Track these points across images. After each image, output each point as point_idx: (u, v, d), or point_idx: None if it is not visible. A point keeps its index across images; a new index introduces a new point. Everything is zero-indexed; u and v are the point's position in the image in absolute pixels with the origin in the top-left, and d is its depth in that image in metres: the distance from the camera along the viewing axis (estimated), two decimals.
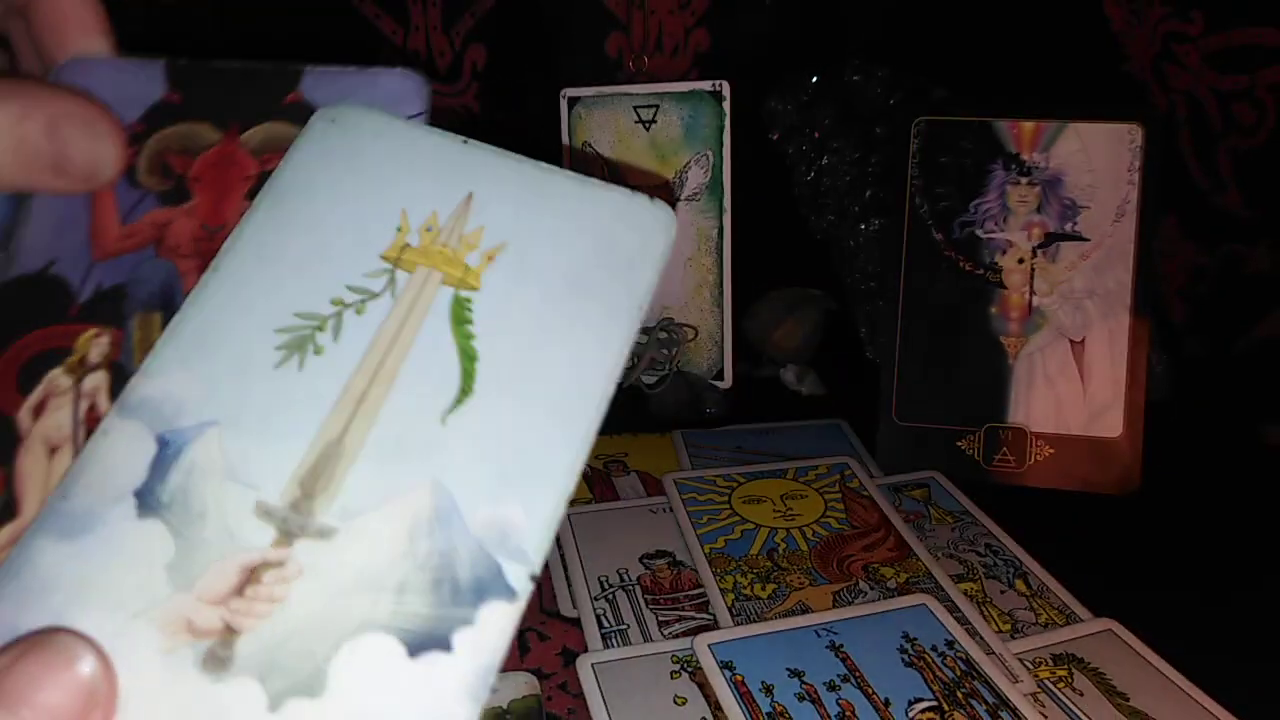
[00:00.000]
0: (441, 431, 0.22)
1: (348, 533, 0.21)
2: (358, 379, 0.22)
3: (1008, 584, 0.48)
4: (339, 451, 0.22)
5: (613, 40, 0.76)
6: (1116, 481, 0.57)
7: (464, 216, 0.24)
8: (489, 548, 0.21)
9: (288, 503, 0.21)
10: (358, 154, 0.25)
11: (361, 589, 0.20)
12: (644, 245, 0.24)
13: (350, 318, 0.23)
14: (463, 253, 0.24)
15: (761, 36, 0.79)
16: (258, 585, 0.20)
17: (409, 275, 0.23)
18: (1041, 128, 0.59)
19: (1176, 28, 0.66)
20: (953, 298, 0.59)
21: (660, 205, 0.24)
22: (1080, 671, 0.42)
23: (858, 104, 0.73)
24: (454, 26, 0.74)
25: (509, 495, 0.21)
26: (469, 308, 0.23)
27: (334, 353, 0.22)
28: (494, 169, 0.25)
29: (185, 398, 0.22)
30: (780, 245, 0.78)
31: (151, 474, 0.21)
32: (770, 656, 0.40)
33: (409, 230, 0.24)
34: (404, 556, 0.20)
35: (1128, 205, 0.58)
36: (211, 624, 0.20)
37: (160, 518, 0.21)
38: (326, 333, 0.23)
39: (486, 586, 0.20)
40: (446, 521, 0.21)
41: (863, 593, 0.46)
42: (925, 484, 0.56)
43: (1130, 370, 0.57)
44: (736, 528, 0.50)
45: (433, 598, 0.20)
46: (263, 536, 0.21)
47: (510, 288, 0.23)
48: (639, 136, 0.70)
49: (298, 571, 0.20)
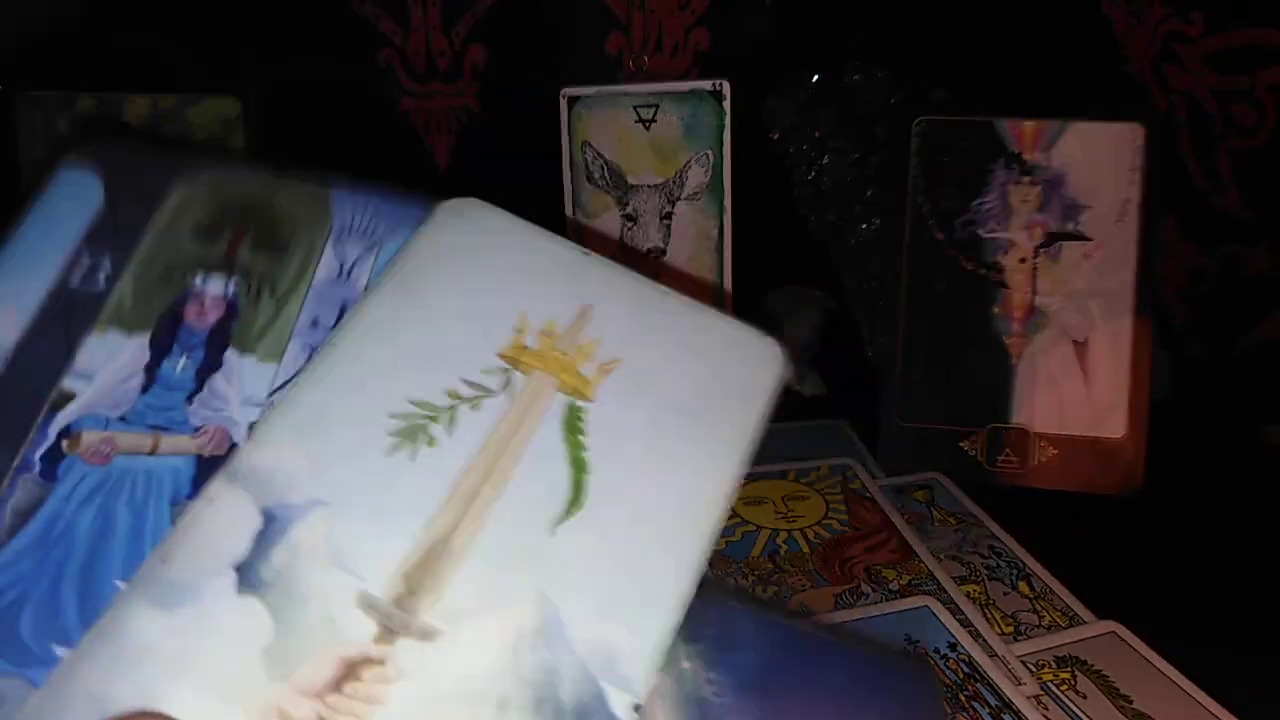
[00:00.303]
0: (550, 542, 0.21)
1: (451, 637, 0.20)
2: (470, 477, 0.22)
3: (1011, 586, 0.47)
4: (446, 550, 0.21)
5: (613, 40, 0.76)
6: (1120, 482, 0.57)
7: (581, 326, 0.24)
8: (594, 670, 0.20)
9: (392, 597, 0.20)
10: (480, 250, 0.25)
11: (462, 699, 0.20)
12: (755, 377, 0.24)
13: (465, 413, 0.23)
14: (579, 362, 0.24)
15: (762, 36, 0.79)
16: (357, 683, 0.19)
17: (525, 377, 0.23)
18: (1043, 127, 0.59)
19: (1177, 28, 0.66)
20: (954, 298, 0.59)
21: (770, 341, 0.25)
22: (1083, 674, 0.41)
23: (858, 104, 0.73)
24: (454, 26, 0.74)
25: (616, 618, 0.21)
26: (582, 418, 0.23)
27: (447, 446, 0.22)
28: (612, 283, 0.25)
29: (295, 472, 0.22)
30: (780, 245, 0.77)
31: (255, 549, 0.21)
32: None
33: (527, 332, 0.24)
34: (507, 669, 0.20)
35: (1129, 205, 0.58)
36: (306, 718, 0.19)
37: (260, 597, 0.20)
38: (441, 425, 0.23)
39: (590, 712, 0.20)
40: (552, 637, 0.20)
41: (865, 595, 0.45)
42: (928, 485, 0.56)
43: (1133, 371, 0.57)
44: (737, 529, 0.50)
45: (534, 717, 0.19)
46: (364, 630, 0.20)
47: (624, 404, 0.23)
48: (639, 136, 0.70)
49: (398, 673, 0.20)
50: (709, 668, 0.23)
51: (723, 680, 0.23)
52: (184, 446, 0.26)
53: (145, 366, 0.27)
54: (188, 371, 0.27)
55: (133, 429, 0.26)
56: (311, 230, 0.28)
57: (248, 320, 0.28)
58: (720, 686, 0.22)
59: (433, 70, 0.77)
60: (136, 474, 0.26)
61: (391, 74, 0.76)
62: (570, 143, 0.71)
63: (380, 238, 0.28)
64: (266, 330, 0.27)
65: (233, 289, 0.28)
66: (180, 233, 0.28)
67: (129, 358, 0.27)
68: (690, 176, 0.69)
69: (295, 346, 0.27)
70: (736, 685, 0.22)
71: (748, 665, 0.23)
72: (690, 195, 0.70)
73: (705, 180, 0.69)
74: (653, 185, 0.70)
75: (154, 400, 0.27)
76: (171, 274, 0.28)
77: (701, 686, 0.22)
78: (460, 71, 0.76)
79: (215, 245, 0.28)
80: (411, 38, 0.74)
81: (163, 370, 0.27)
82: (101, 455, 0.26)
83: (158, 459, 0.26)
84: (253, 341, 0.27)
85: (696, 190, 0.69)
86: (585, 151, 0.71)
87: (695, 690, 0.22)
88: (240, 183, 0.29)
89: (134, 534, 0.25)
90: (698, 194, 0.69)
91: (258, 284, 0.28)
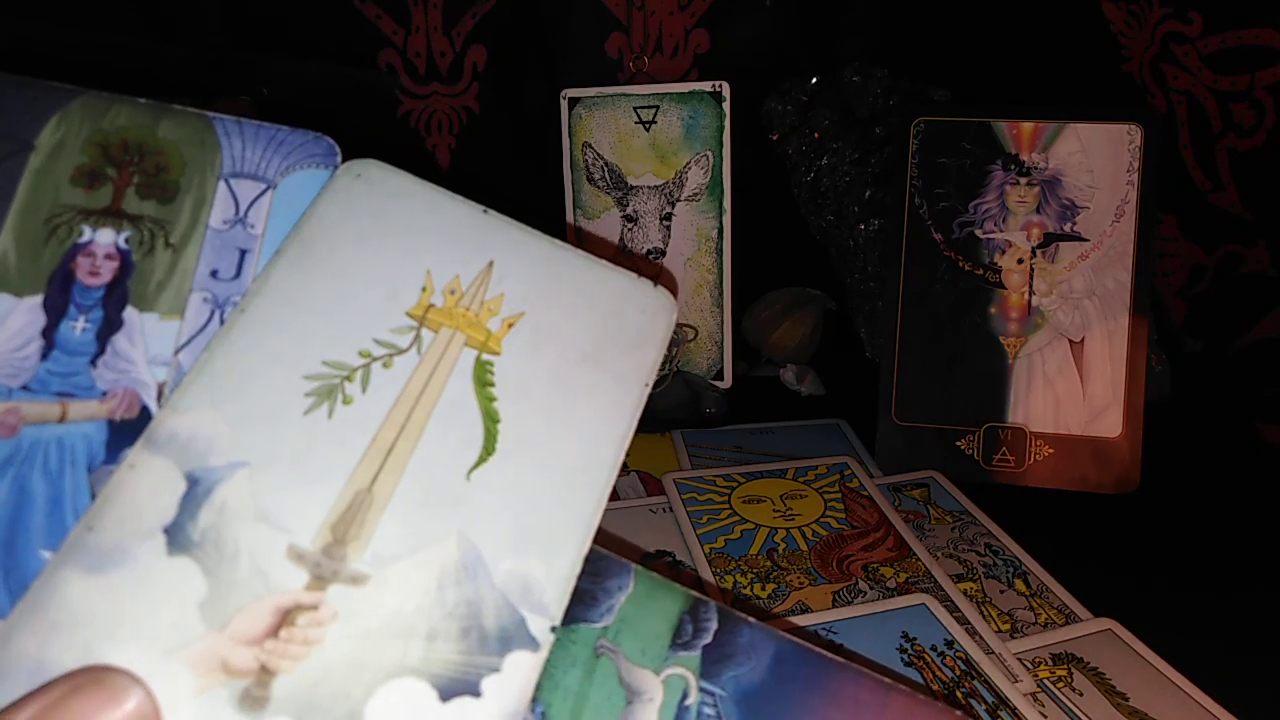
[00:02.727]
0: (467, 487, 0.23)
1: (380, 579, 0.21)
2: (386, 431, 0.23)
3: (1007, 584, 0.48)
4: (369, 500, 0.22)
5: (613, 41, 0.76)
6: (1116, 481, 0.57)
7: (485, 283, 0.25)
8: (513, 600, 0.21)
9: (320, 547, 0.21)
10: (383, 211, 0.26)
11: (394, 634, 0.21)
12: (650, 325, 0.26)
13: (378, 371, 0.24)
14: (485, 317, 0.25)
15: (761, 37, 0.79)
16: (293, 628, 0.20)
17: (434, 335, 0.24)
18: (1040, 128, 0.59)
19: (1176, 28, 0.66)
20: (952, 298, 0.59)
21: (663, 291, 0.26)
22: (1080, 671, 0.42)
23: (857, 105, 0.73)
24: (455, 27, 0.75)
25: (530, 551, 0.22)
26: (491, 371, 0.24)
27: (362, 404, 0.23)
28: (513, 240, 0.26)
29: (214, 436, 0.22)
30: (780, 245, 0.78)
31: (181, 511, 0.21)
32: None
33: (433, 291, 0.25)
34: (434, 604, 0.21)
35: (1127, 205, 0.58)
36: (247, 664, 0.20)
37: (191, 556, 0.21)
38: (355, 384, 0.23)
39: (511, 636, 0.21)
40: (473, 572, 0.22)
41: (862, 592, 0.46)
42: (925, 484, 0.56)
43: (1130, 370, 0.57)
44: (736, 527, 0.50)
45: (461, 645, 0.21)
46: (296, 580, 0.21)
47: (529, 355, 0.24)
48: (639, 137, 0.70)
49: (332, 615, 0.21)
50: (706, 679, 0.23)
51: (719, 693, 0.23)
52: (93, 412, 0.26)
53: (42, 331, 0.26)
54: (88, 334, 0.26)
55: (38, 398, 0.26)
56: (200, 168, 0.27)
57: (144, 274, 0.27)
58: (716, 699, 0.23)
59: (434, 71, 0.77)
60: (48, 443, 0.25)
61: (392, 75, 0.76)
62: (570, 143, 0.71)
63: (273, 177, 0.27)
64: (165, 284, 0.27)
65: (125, 240, 0.27)
66: (59, 178, 0.27)
67: (22, 322, 0.26)
68: (690, 177, 0.70)
69: (196, 300, 0.27)
70: (733, 698, 0.23)
71: (746, 679, 0.23)
72: (690, 196, 0.70)
73: (705, 181, 0.69)
74: (653, 186, 0.70)
75: (55, 366, 0.26)
76: (56, 227, 0.26)
77: (696, 697, 0.23)
78: (461, 72, 0.77)
79: (99, 192, 0.27)
80: (412, 39, 0.74)
81: (60, 333, 0.26)
82: (7, 427, 0.25)
83: (67, 426, 0.25)
84: (152, 297, 0.27)
85: (696, 191, 0.70)
86: (585, 152, 0.71)
87: (690, 701, 0.23)
88: (118, 116, 0.27)
89: (53, 504, 0.25)
90: (697, 195, 0.70)
91: (150, 233, 0.27)
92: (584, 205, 0.72)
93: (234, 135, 0.28)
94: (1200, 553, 0.51)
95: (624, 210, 0.71)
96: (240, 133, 0.28)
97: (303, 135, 0.28)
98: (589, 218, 0.72)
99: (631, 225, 0.71)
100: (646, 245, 0.71)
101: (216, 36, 0.72)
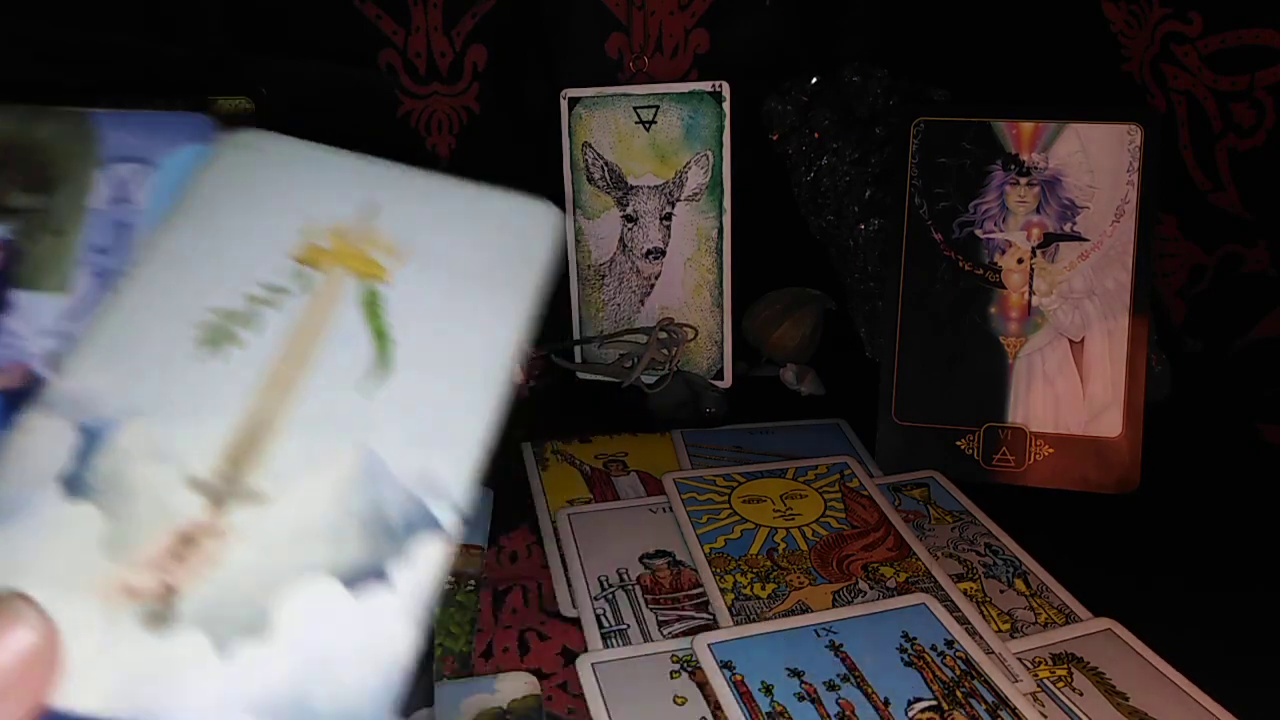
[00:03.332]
0: (365, 404, 0.24)
1: (279, 495, 0.22)
2: (280, 365, 0.24)
3: (1007, 583, 0.48)
4: (265, 427, 0.23)
5: (613, 41, 0.76)
6: (1116, 481, 0.57)
7: (370, 222, 0.26)
8: (417, 493, 0.22)
9: (217, 473, 0.22)
10: (264, 171, 0.27)
11: (297, 540, 0.22)
12: (534, 237, 0.27)
13: (268, 313, 0.25)
14: (371, 254, 0.26)
15: (761, 37, 0.79)
16: (193, 546, 0.21)
17: (323, 275, 0.25)
18: (1041, 128, 0.59)
19: (1176, 28, 0.66)
20: (952, 298, 0.59)
21: (545, 203, 0.27)
22: (1080, 671, 0.42)
23: (857, 105, 0.73)
24: (455, 27, 0.75)
25: (432, 451, 0.23)
26: (381, 301, 0.25)
27: (254, 345, 0.24)
28: (394, 178, 0.27)
29: (107, 391, 0.23)
30: (780, 245, 0.78)
31: (77, 461, 0.22)
32: (770, 656, 0.40)
33: (319, 234, 0.26)
34: (336, 509, 0.22)
35: (1126, 205, 0.58)
36: (150, 586, 0.21)
37: (90, 500, 0.22)
38: (245, 328, 0.24)
39: (416, 522, 0.22)
40: (375, 477, 0.23)
41: (862, 592, 0.46)
42: (925, 484, 0.56)
43: (1129, 370, 0.57)
44: (736, 527, 0.50)
45: (366, 538, 0.22)
46: (195, 505, 0.22)
47: (419, 281, 0.26)
48: (639, 137, 0.70)
49: (232, 531, 0.21)
50: None
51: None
52: None
53: None
54: None
55: None
56: (80, 158, 0.29)
57: (30, 258, 0.28)
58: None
59: (434, 71, 0.77)
60: None
61: (392, 75, 0.76)
62: (570, 143, 0.71)
63: (154, 156, 0.28)
64: (51, 264, 0.28)
65: (8, 232, 0.28)
66: None
67: None
68: (690, 177, 0.70)
69: (83, 274, 0.28)
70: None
71: None
72: (690, 196, 0.70)
73: (705, 181, 0.69)
74: (652, 186, 0.70)
75: None
76: None
77: None
78: (461, 72, 0.77)
79: None
80: (413, 39, 0.74)
81: None
82: None
83: None
84: (39, 278, 0.28)
85: (696, 191, 0.70)
86: (585, 152, 0.71)
87: None
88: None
89: None
90: (697, 194, 0.70)
91: (33, 222, 0.28)
92: (584, 205, 0.72)
93: (113, 125, 0.29)
94: (1200, 553, 0.51)
95: (624, 210, 0.71)
96: (120, 122, 0.29)
97: (180, 116, 0.29)
98: (589, 217, 0.72)
99: (631, 225, 0.71)
100: (646, 245, 0.71)
101: (216, 36, 0.72)
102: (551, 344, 0.74)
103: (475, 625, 0.44)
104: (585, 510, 0.53)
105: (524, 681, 0.39)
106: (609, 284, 0.73)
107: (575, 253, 0.73)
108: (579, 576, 0.47)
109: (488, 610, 0.45)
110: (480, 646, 0.43)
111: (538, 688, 0.39)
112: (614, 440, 0.61)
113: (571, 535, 0.50)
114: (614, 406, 0.68)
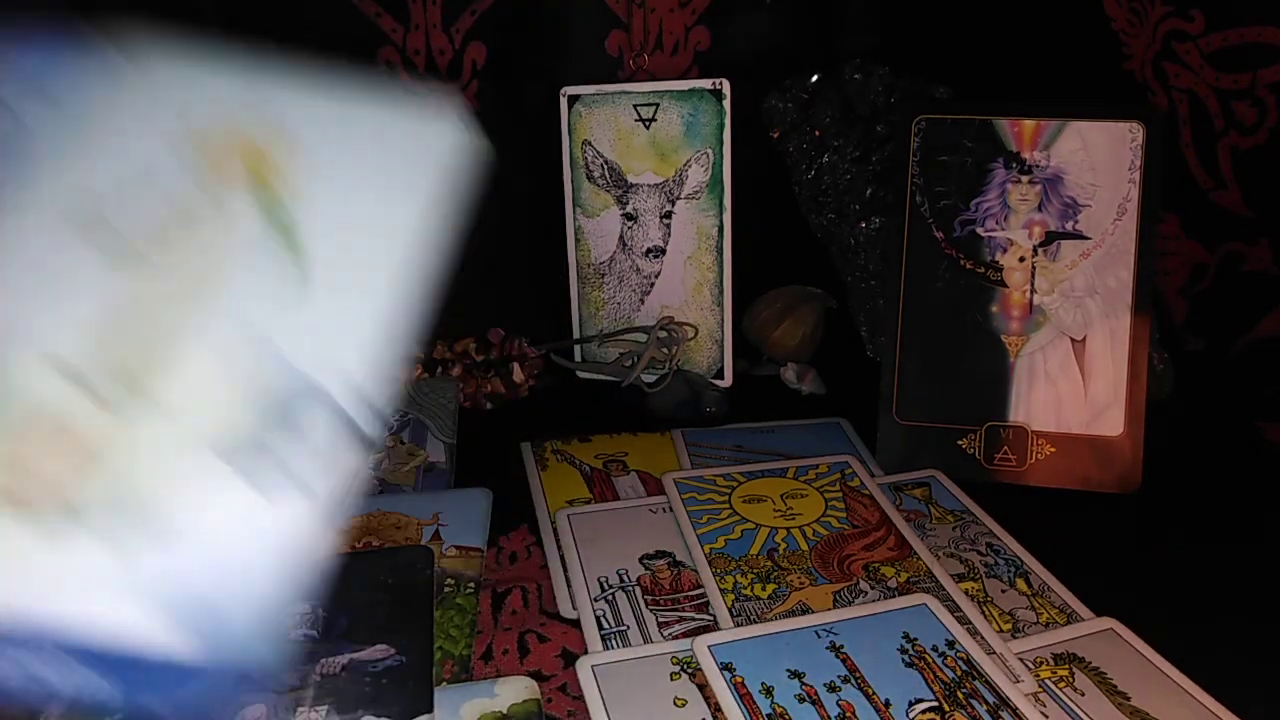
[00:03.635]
0: (276, 312, 0.24)
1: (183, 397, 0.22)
2: (188, 278, 0.24)
3: (1009, 583, 0.48)
4: (169, 333, 0.23)
5: (613, 38, 0.76)
6: (1118, 480, 0.57)
7: (275, 142, 0.27)
8: (335, 395, 0.23)
9: (112, 377, 0.22)
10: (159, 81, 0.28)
11: (201, 441, 0.22)
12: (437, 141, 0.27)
13: (176, 231, 0.25)
14: (279, 173, 0.26)
15: (762, 35, 0.79)
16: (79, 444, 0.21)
17: (230, 194, 0.26)
18: (1042, 126, 0.59)
19: (1177, 26, 0.66)
20: (953, 296, 0.59)
21: (450, 117, 0.28)
22: (1081, 671, 0.41)
23: (858, 102, 0.73)
24: (454, 24, 0.74)
25: (343, 354, 0.24)
26: (291, 215, 0.26)
27: (164, 261, 0.25)
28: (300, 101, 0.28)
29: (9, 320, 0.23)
30: (781, 243, 0.78)
31: None
32: (770, 657, 0.40)
33: (227, 155, 0.26)
34: (244, 412, 0.22)
35: (1128, 204, 0.58)
36: (35, 490, 0.21)
37: None
38: (154, 245, 0.25)
39: (326, 423, 0.23)
40: (283, 379, 0.23)
41: (863, 592, 0.46)
42: (926, 483, 0.56)
43: (1131, 369, 0.57)
44: (736, 527, 0.50)
45: (272, 438, 0.22)
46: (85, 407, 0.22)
47: (327, 194, 0.26)
48: (639, 135, 0.70)
49: (122, 433, 0.21)
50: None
51: None
52: None
53: None
54: None
55: None
56: None
57: None
58: None
59: (433, 69, 0.77)
60: None
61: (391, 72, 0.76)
62: (570, 141, 0.71)
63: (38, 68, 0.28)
64: None
65: None
66: None
67: None
68: (690, 175, 0.69)
69: None
70: None
71: None
72: (690, 194, 0.70)
73: (705, 179, 0.69)
74: (652, 184, 0.70)
75: None
76: None
77: None
78: (460, 69, 0.76)
79: None
80: (412, 36, 0.74)
81: None
82: None
83: None
84: None
85: (696, 189, 0.70)
86: (585, 150, 0.71)
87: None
88: None
89: None
90: (697, 193, 0.70)
91: None
92: (584, 203, 0.72)
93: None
94: (1202, 552, 0.51)
95: (624, 208, 0.71)
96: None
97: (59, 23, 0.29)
98: (589, 215, 0.72)
99: (631, 223, 0.71)
100: (646, 243, 0.71)
101: (215, 33, 0.72)
102: (551, 343, 0.74)
103: (475, 629, 0.44)
104: (585, 510, 0.52)
105: (523, 686, 0.39)
106: (609, 282, 0.73)
107: (575, 251, 0.73)
108: (579, 577, 0.47)
109: (487, 612, 0.45)
110: (479, 648, 0.43)
111: (537, 692, 0.39)
112: (614, 440, 0.61)
113: (571, 536, 0.50)
114: (614, 406, 0.68)
